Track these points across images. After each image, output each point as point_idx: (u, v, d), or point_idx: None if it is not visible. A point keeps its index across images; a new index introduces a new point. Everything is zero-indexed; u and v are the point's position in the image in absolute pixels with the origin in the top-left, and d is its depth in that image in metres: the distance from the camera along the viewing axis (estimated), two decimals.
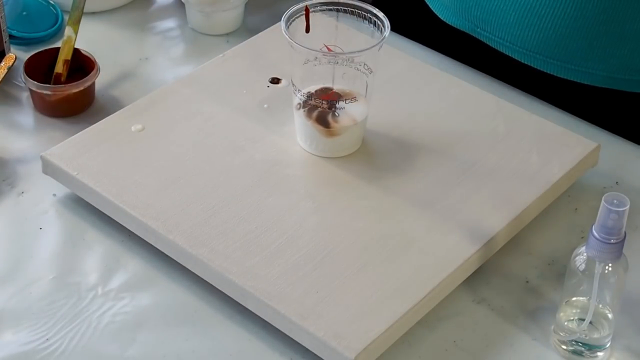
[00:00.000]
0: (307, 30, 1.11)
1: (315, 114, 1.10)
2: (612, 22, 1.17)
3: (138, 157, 1.11)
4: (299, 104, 1.11)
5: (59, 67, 1.22)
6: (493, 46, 1.26)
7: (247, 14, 1.39)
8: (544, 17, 1.19)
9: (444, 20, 1.31)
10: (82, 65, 1.23)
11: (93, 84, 1.22)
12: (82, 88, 1.20)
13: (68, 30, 1.23)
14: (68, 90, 1.19)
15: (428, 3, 1.33)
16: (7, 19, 1.28)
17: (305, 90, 1.10)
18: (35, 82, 1.19)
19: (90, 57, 1.23)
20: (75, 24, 1.23)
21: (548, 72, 1.24)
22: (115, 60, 1.29)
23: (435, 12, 1.32)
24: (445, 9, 1.30)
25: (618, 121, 1.25)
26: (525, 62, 1.24)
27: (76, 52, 1.23)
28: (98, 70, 1.21)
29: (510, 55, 1.25)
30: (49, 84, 1.21)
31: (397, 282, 0.99)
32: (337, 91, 1.11)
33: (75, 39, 1.23)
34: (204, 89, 1.20)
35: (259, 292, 0.97)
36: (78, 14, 1.24)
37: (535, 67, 1.24)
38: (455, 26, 1.29)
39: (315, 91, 1.10)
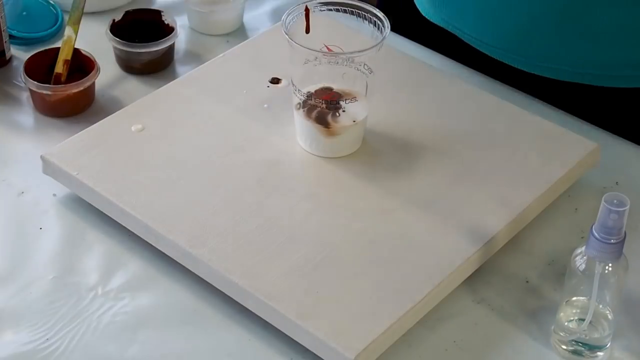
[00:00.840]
0: (307, 30, 1.11)
1: (315, 113, 1.10)
2: (575, 19, 1.17)
3: (138, 157, 1.11)
4: (299, 103, 1.11)
5: (59, 67, 1.22)
6: (467, 42, 1.26)
7: (247, 14, 1.39)
8: (507, 14, 1.20)
9: (425, 16, 1.31)
10: (82, 65, 1.23)
11: (93, 84, 1.22)
12: (82, 88, 1.20)
13: (68, 30, 1.23)
14: (68, 90, 1.19)
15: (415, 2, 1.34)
16: (7, 19, 1.28)
17: (305, 90, 1.10)
18: (35, 82, 1.19)
19: (90, 57, 1.23)
20: (75, 24, 1.23)
21: (517, 67, 1.24)
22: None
23: (419, 9, 1.32)
24: (423, 5, 1.32)
25: (618, 121, 1.25)
26: (496, 57, 1.25)
27: (76, 52, 1.23)
28: (98, 70, 1.22)
29: (483, 51, 1.26)
30: (49, 84, 1.21)
31: (397, 282, 0.99)
32: (337, 91, 1.11)
33: (75, 39, 1.23)
34: (204, 89, 1.20)
35: (259, 292, 0.97)
36: (78, 14, 1.24)
37: (505, 62, 1.24)
38: (436, 23, 1.30)
39: (315, 91, 1.10)
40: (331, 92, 1.11)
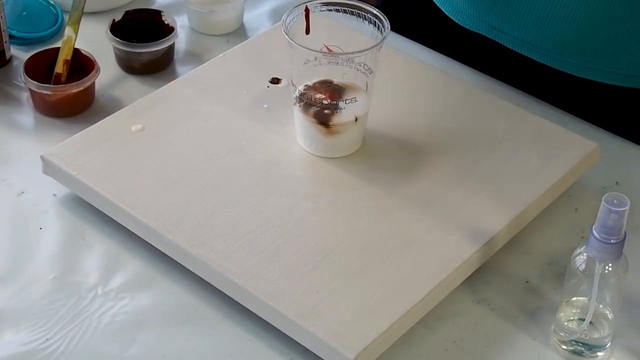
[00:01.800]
0: (307, 31, 1.11)
1: (313, 110, 1.10)
2: (634, 21, 1.17)
3: (138, 157, 1.11)
4: (296, 97, 1.10)
5: (59, 67, 1.22)
6: (511, 47, 1.25)
7: (247, 14, 1.39)
8: (565, 18, 1.18)
9: (458, 22, 1.29)
10: (82, 65, 1.23)
11: (93, 84, 1.22)
12: (82, 88, 1.20)
13: (68, 30, 1.23)
14: (68, 90, 1.19)
15: (440, 6, 1.32)
16: (7, 19, 1.28)
17: (303, 84, 1.10)
18: (35, 82, 1.19)
19: (90, 57, 1.23)
20: (75, 24, 1.23)
21: (568, 72, 1.23)
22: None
23: (448, 15, 1.31)
24: (459, 12, 1.30)
25: (618, 121, 1.25)
26: (544, 63, 1.23)
27: (76, 52, 1.23)
28: (98, 70, 1.22)
29: (528, 55, 1.24)
30: (49, 84, 1.21)
31: (397, 282, 0.99)
32: (337, 84, 1.10)
33: (75, 39, 1.23)
34: (204, 89, 1.20)
35: (259, 292, 0.97)
36: (78, 14, 1.24)
37: (554, 67, 1.23)
38: (470, 29, 1.28)
39: (314, 84, 1.10)
40: (331, 89, 1.10)
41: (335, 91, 1.10)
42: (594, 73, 1.22)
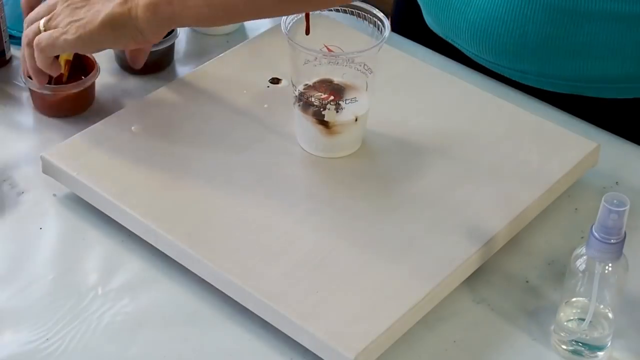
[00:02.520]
0: (307, 32, 1.11)
1: (312, 110, 1.10)
2: (556, 38, 1.18)
3: (138, 157, 1.11)
4: (296, 96, 1.10)
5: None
6: (467, 55, 1.28)
7: None
8: (493, 34, 1.21)
9: (430, 27, 1.33)
10: (82, 65, 1.23)
11: (93, 84, 1.22)
12: (82, 88, 1.20)
13: None
14: (68, 90, 1.19)
15: (421, 7, 1.34)
16: (7, 19, 1.28)
17: (303, 84, 1.10)
18: (36, 83, 1.19)
19: (91, 57, 1.23)
20: None
21: (517, 80, 1.25)
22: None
23: (425, 19, 1.33)
24: (428, 18, 1.33)
25: (618, 121, 1.25)
26: (493, 70, 1.26)
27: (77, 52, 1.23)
28: (98, 70, 1.21)
29: (478, 62, 1.27)
30: (50, 84, 1.21)
31: (397, 282, 0.99)
32: (338, 83, 1.10)
33: None
34: (204, 89, 1.20)
35: (259, 292, 0.97)
36: None
37: (502, 74, 1.25)
38: (437, 33, 1.31)
39: (314, 83, 1.10)
40: (331, 88, 1.10)
41: (335, 90, 1.10)
42: (537, 82, 1.25)
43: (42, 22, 1.13)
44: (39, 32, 1.13)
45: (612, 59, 1.19)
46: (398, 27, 1.39)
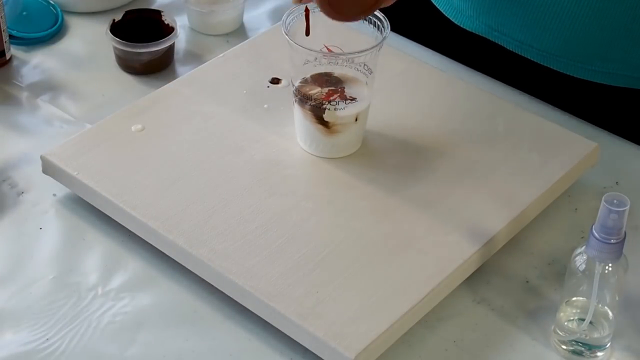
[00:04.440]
0: (307, 33, 1.11)
1: (309, 103, 1.09)
2: (633, 23, 1.17)
3: (138, 157, 1.11)
4: (294, 92, 1.10)
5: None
6: (510, 49, 1.25)
7: (247, 14, 1.39)
8: (565, 20, 1.19)
9: (458, 24, 1.30)
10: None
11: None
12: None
13: None
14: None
15: (439, 7, 1.32)
16: (7, 19, 1.28)
17: (300, 79, 1.09)
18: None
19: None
20: None
21: (568, 73, 1.23)
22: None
23: (448, 16, 1.31)
24: (459, 13, 1.30)
25: (618, 121, 1.25)
26: (544, 64, 1.24)
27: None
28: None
29: (528, 57, 1.25)
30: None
31: (397, 282, 0.99)
32: (337, 76, 1.10)
33: None
34: (204, 89, 1.20)
35: (259, 292, 0.97)
36: None
37: (554, 68, 1.23)
38: (469, 30, 1.29)
39: (312, 76, 1.10)
40: (330, 76, 1.10)
41: (334, 84, 1.09)
42: (592, 74, 1.22)
43: None
44: None
45: None
46: (398, 27, 1.39)
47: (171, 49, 1.29)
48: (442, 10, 1.32)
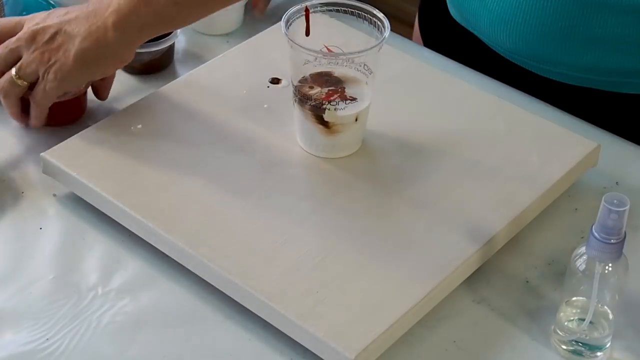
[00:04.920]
0: (307, 33, 1.10)
1: (309, 103, 1.09)
2: (574, 28, 1.18)
3: (138, 157, 1.11)
4: (295, 92, 1.10)
5: None
6: (486, 44, 1.27)
7: (247, 14, 1.39)
8: (511, 22, 1.21)
9: (454, 17, 1.32)
10: None
11: (84, 94, 1.20)
12: (70, 97, 1.19)
13: None
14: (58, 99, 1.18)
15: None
16: None
17: (300, 77, 1.09)
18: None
19: None
20: None
21: (531, 70, 1.25)
22: None
23: (449, 10, 1.33)
24: (452, 7, 1.33)
25: (618, 121, 1.25)
26: (511, 61, 1.26)
27: None
28: (88, 84, 1.20)
29: (498, 53, 1.27)
30: None
31: (397, 282, 0.99)
32: (337, 76, 1.10)
33: None
34: (204, 89, 1.20)
35: (259, 292, 0.97)
36: None
37: (519, 65, 1.25)
38: (461, 24, 1.30)
39: (311, 75, 1.10)
40: (330, 76, 1.10)
41: (334, 84, 1.10)
42: (550, 74, 1.25)
43: (13, 71, 1.13)
44: (13, 81, 1.12)
45: (629, 52, 1.19)
46: (423, 36, 1.40)
47: (171, 49, 1.29)
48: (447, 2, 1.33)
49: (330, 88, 1.09)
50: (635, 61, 1.20)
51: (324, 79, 1.10)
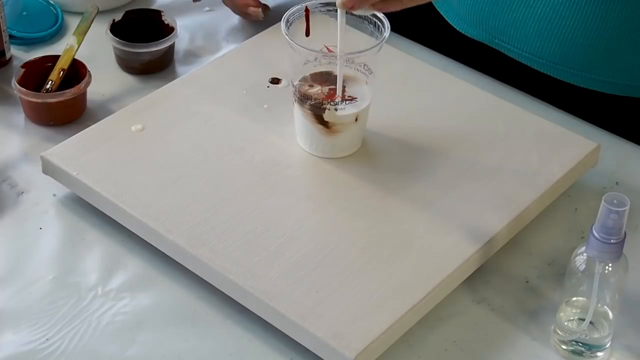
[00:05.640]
0: (307, 33, 1.10)
1: (308, 102, 1.09)
2: (632, 32, 1.17)
3: (138, 157, 1.11)
4: (295, 92, 1.10)
5: (54, 75, 1.22)
6: (512, 56, 1.26)
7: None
8: (564, 29, 1.19)
9: (461, 31, 1.30)
10: (76, 75, 1.22)
11: (84, 93, 1.20)
12: (71, 97, 1.19)
13: (72, 40, 1.23)
14: (56, 98, 1.18)
15: (443, 14, 1.32)
16: (7, 19, 1.28)
17: (300, 77, 1.09)
18: (22, 88, 1.19)
19: (85, 67, 1.22)
20: (81, 35, 1.24)
21: (569, 82, 1.24)
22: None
23: (451, 23, 1.31)
24: (462, 20, 1.30)
25: (618, 121, 1.25)
26: (546, 72, 1.24)
27: (75, 62, 1.23)
28: (88, 80, 1.20)
29: (529, 65, 1.25)
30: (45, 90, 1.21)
31: (397, 282, 0.99)
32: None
33: (77, 50, 1.23)
34: (204, 89, 1.20)
35: (259, 292, 0.97)
36: (86, 25, 1.24)
37: (555, 77, 1.24)
38: (472, 37, 1.29)
39: (311, 75, 1.10)
40: (330, 75, 1.10)
41: (334, 83, 1.09)
42: (594, 83, 1.23)
43: None
44: None
45: None
46: (398, 28, 1.39)
47: (171, 49, 1.29)
48: (446, 17, 1.32)
49: (331, 87, 1.09)
50: None
51: (324, 78, 1.10)
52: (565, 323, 0.98)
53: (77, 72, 1.22)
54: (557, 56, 1.22)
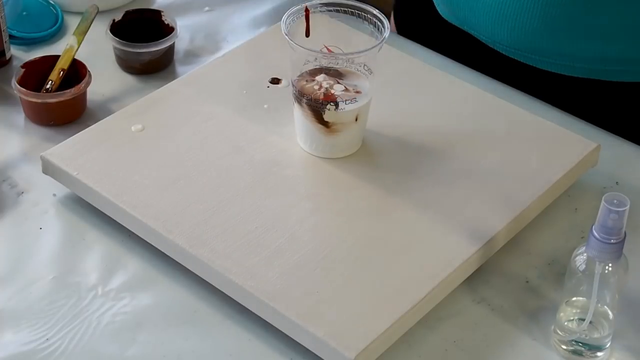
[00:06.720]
0: (307, 34, 1.11)
1: (305, 98, 1.09)
2: (576, 19, 1.18)
3: (138, 157, 1.11)
4: (295, 93, 1.10)
5: (54, 75, 1.22)
6: (482, 41, 1.27)
7: (247, 14, 1.39)
8: (512, 17, 1.21)
9: (442, 15, 1.32)
10: (76, 75, 1.22)
11: (84, 93, 1.20)
12: (70, 97, 1.19)
13: (72, 40, 1.23)
14: (57, 98, 1.18)
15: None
16: (7, 19, 1.28)
17: (299, 73, 1.09)
18: (21, 88, 1.19)
19: (85, 67, 1.22)
20: (81, 35, 1.24)
21: (532, 65, 1.25)
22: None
23: (436, 7, 1.33)
24: (441, 4, 1.32)
25: (618, 121, 1.25)
26: (511, 56, 1.26)
27: (75, 62, 1.23)
28: (88, 81, 1.20)
29: (496, 49, 1.27)
30: (44, 90, 1.20)
31: (397, 282, 0.99)
32: (338, 70, 1.10)
33: (77, 50, 1.23)
34: (204, 89, 1.20)
35: (259, 292, 0.97)
36: (86, 25, 1.24)
37: (519, 60, 1.25)
38: (450, 22, 1.30)
39: (310, 71, 1.09)
40: (330, 71, 1.10)
41: (333, 77, 1.09)
42: (554, 67, 1.24)
43: None
44: None
45: (632, 41, 1.19)
46: (398, 27, 1.40)
47: (171, 49, 1.29)
48: (434, 3, 1.33)
49: (330, 81, 1.09)
50: (638, 49, 1.20)
51: (323, 71, 1.10)
52: (565, 323, 0.98)
53: (77, 72, 1.22)
54: (513, 42, 1.24)
